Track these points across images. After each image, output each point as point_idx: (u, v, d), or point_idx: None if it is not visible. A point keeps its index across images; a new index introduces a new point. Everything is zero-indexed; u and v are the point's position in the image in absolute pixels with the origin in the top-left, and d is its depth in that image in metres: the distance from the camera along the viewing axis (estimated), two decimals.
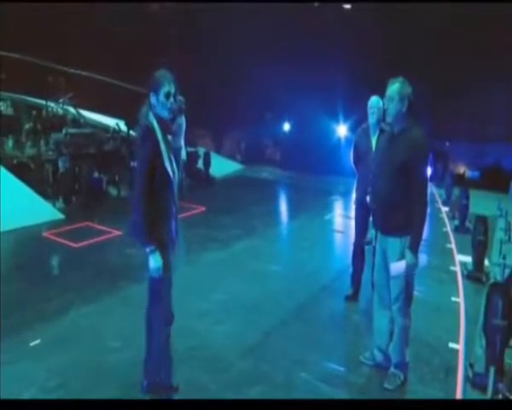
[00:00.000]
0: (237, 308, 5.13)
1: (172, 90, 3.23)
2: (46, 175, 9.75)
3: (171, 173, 3.21)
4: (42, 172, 9.75)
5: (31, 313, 4.84)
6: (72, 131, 10.53)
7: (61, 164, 9.65)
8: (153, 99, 3.23)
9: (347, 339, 4.61)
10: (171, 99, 3.24)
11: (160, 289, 3.29)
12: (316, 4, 16.40)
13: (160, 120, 3.24)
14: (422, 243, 3.67)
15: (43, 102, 11.96)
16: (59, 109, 12.08)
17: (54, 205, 8.96)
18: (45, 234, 7.54)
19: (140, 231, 3.15)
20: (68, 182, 9.60)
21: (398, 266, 3.62)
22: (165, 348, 3.35)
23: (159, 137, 3.19)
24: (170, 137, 3.37)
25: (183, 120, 8.72)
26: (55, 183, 9.65)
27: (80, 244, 7.06)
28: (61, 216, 8.47)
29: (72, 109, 11.98)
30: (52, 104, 11.99)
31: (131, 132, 10.50)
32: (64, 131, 10.40)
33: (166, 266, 3.25)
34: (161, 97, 3.20)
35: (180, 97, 8.09)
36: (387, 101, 3.66)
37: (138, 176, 3.18)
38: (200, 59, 14.65)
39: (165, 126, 3.29)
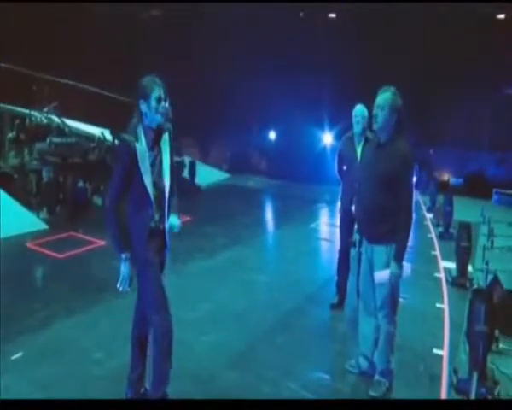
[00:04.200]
0: (223, 318, 5.11)
1: (163, 95, 3.08)
2: (30, 185, 9.64)
3: (149, 190, 3.11)
4: (25, 181, 9.65)
5: (14, 325, 4.75)
6: (56, 140, 10.41)
7: (45, 173, 9.54)
8: (143, 107, 3.07)
9: (333, 347, 4.61)
10: (163, 103, 3.08)
11: (154, 291, 3.25)
12: (301, 14, 16.54)
13: (149, 131, 3.11)
14: (408, 250, 3.67)
15: (27, 111, 11.85)
16: (43, 118, 11.95)
17: (38, 215, 8.85)
18: (29, 244, 7.44)
19: (114, 242, 3.16)
20: (52, 192, 9.49)
21: (381, 275, 3.63)
22: (168, 355, 3.28)
23: (140, 153, 3.06)
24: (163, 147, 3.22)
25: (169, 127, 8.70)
26: (39, 192, 9.53)
27: (64, 255, 6.99)
28: (44, 226, 8.36)
29: (56, 118, 11.87)
30: (36, 113, 11.87)
31: (116, 142, 10.44)
32: (48, 140, 10.29)
33: (158, 277, 3.24)
34: (153, 102, 3.04)
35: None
36: (377, 108, 3.59)
37: (110, 191, 3.18)
38: (187, 68, 14.66)
39: (156, 137, 3.16)
